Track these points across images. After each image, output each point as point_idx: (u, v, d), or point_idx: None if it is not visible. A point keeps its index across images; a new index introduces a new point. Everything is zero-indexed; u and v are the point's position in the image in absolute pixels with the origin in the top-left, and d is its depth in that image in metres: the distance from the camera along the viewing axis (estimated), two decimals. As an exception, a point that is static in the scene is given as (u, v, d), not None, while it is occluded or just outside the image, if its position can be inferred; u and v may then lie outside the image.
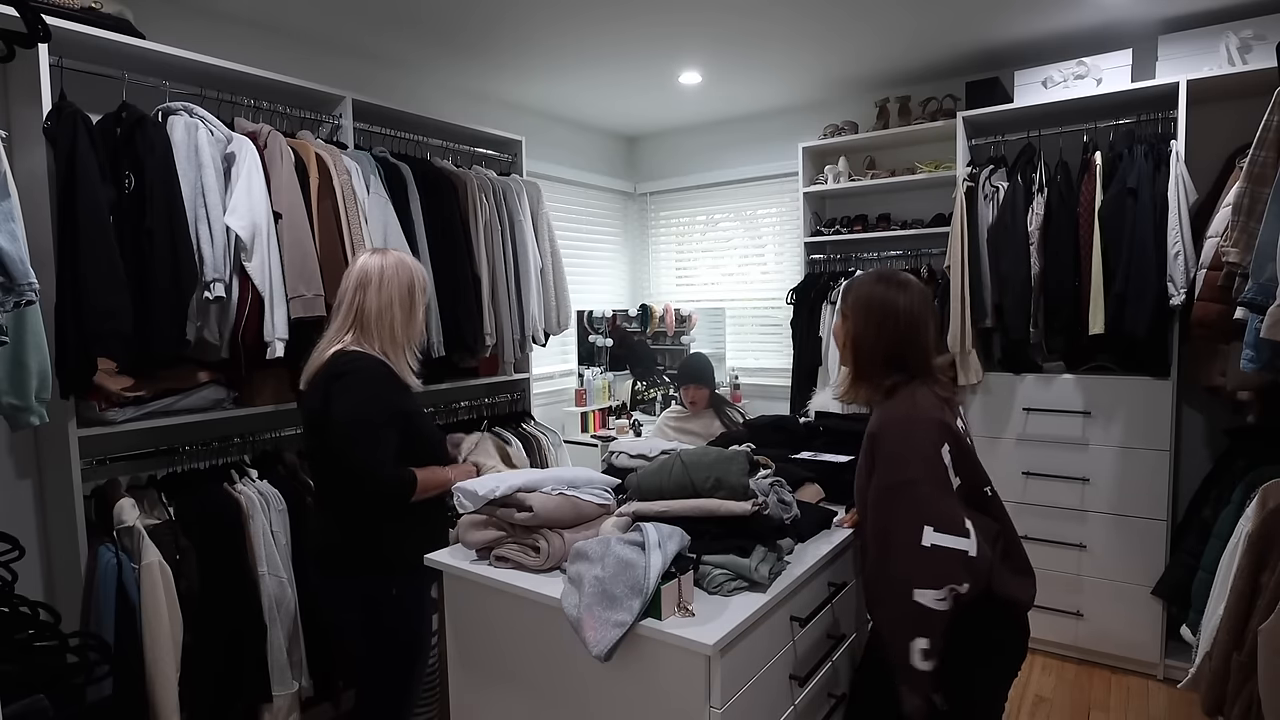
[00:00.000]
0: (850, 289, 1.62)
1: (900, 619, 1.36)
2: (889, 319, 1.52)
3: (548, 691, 1.42)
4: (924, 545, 1.33)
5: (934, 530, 1.33)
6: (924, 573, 1.33)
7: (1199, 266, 2.47)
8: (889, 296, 1.54)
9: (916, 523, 1.34)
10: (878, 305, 1.53)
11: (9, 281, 1.35)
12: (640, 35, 2.93)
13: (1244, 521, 2.03)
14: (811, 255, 3.80)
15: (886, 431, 1.45)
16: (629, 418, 4.10)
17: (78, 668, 1.49)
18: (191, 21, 2.55)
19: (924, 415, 1.43)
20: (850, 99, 3.79)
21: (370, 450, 1.67)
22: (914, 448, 1.39)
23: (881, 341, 1.52)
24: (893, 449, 1.42)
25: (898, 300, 1.53)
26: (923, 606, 1.32)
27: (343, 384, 1.69)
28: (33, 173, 1.91)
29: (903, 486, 1.38)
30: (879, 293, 1.55)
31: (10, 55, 1.37)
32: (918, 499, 1.36)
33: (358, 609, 1.78)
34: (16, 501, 2.11)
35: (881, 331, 1.52)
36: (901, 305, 1.52)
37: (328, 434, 1.69)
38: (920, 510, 1.35)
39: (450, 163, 2.96)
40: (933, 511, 1.35)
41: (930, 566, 1.33)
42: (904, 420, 1.44)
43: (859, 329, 1.55)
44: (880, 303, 1.53)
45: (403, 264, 1.84)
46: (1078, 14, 2.79)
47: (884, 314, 1.53)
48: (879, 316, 1.53)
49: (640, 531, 1.33)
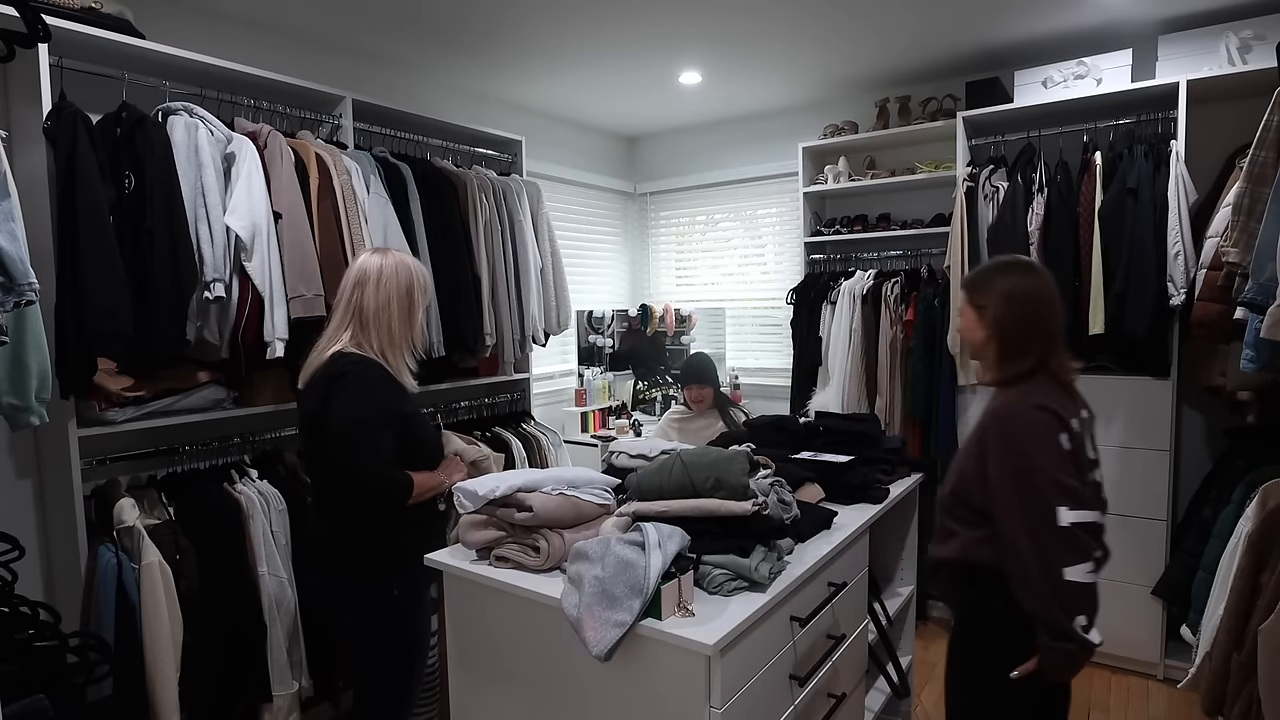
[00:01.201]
0: (985, 280, 1.61)
1: (1057, 601, 1.39)
2: (1036, 305, 1.55)
3: (548, 691, 1.42)
4: (1062, 525, 1.38)
5: (1068, 510, 1.38)
6: (1068, 552, 1.38)
7: (1199, 266, 2.47)
8: (1032, 284, 1.57)
9: (1050, 505, 1.38)
10: (1022, 293, 1.55)
11: (9, 281, 1.35)
12: (640, 35, 2.93)
13: (1244, 521, 2.03)
14: (811, 255, 3.80)
15: (1004, 417, 1.48)
16: (629, 418, 4.10)
17: (78, 668, 1.49)
18: (191, 21, 2.55)
19: (1035, 402, 1.48)
20: (850, 99, 3.79)
21: (366, 453, 1.67)
22: (1032, 434, 1.44)
23: (1024, 328, 1.53)
24: (1012, 434, 1.45)
25: (1040, 288, 1.56)
26: (1076, 584, 1.37)
27: (340, 386, 1.69)
28: (33, 173, 1.91)
29: (1028, 472, 1.41)
30: (1022, 281, 1.57)
31: (10, 55, 1.37)
32: (1047, 482, 1.40)
33: (357, 610, 1.78)
34: (16, 501, 2.11)
35: (1026, 319, 1.54)
36: (1044, 293, 1.56)
37: (325, 436, 1.69)
38: (1051, 492, 1.39)
39: (450, 163, 2.96)
40: (1062, 490, 1.39)
41: (1073, 544, 1.38)
42: (1010, 409, 1.48)
43: (1005, 317, 1.55)
44: (1026, 290, 1.56)
45: (402, 264, 1.84)
46: (1078, 14, 2.79)
47: (1031, 301, 1.55)
48: (1026, 304, 1.55)
49: (640, 531, 1.33)
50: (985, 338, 1.58)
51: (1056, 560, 1.38)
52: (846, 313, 3.42)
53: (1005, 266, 1.62)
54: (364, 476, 1.68)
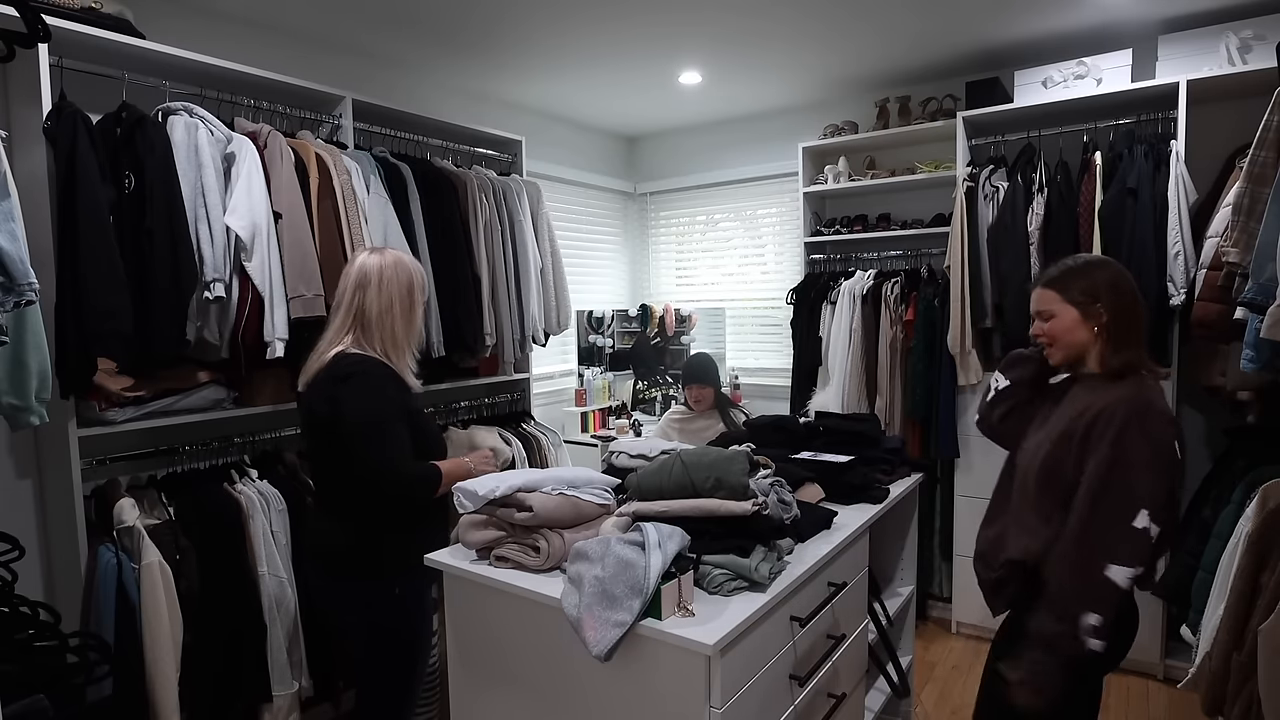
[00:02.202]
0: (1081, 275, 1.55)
1: (1081, 590, 1.37)
2: (1135, 295, 1.53)
3: (548, 691, 1.42)
4: (1135, 526, 1.35)
5: (1148, 515, 1.35)
6: (1127, 551, 1.35)
7: (1199, 266, 2.47)
8: (1125, 275, 1.55)
9: (1135, 504, 1.36)
10: (1125, 283, 1.53)
11: (9, 281, 1.35)
12: (640, 35, 2.93)
13: (1244, 521, 2.03)
14: (811, 255, 3.80)
15: (1123, 411, 1.42)
16: (629, 418, 4.10)
17: (78, 668, 1.49)
18: (191, 21, 2.55)
19: (1164, 405, 1.45)
20: (850, 99, 3.79)
21: (389, 450, 1.68)
22: (1151, 433, 1.39)
23: (1128, 327, 1.51)
24: (1129, 430, 1.40)
25: (1130, 279, 1.55)
26: (1112, 583, 1.35)
27: (351, 387, 1.69)
28: (33, 173, 1.91)
29: (1132, 467, 1.37)
30: (1118, 272, 1.55)
31: (10, 55, 1.37)
32: (1144, 481, 1.37)
33: (360, 610, 1.78)
34: (16, 501, 2.11)
35: (1131, 308, 1.52)
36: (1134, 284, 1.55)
37: (339, 437, 1.69)
38: (1143, 493, 1.36)
39: (450, 163, 2.96)
40: (1153, 495, 1.36)
41: (1136, 546, 1.35)
42: (1145, 405, 1.43)
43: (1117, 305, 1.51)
44: (1126, 280, 1.54)
45: (401, 263, 1.84)
46: (1078, 14, 2.79)
47: (1132, 290, 1.53)
48: (1130, 293, 1.52)
49: (640, 531, 1.33)
50: (1090, 335, 1.52)
51: (1109, 552, 1.35)
52: (846, 313, 3.42)
53: (1095, 262, 1.59)
54: (392, 472, 1.69)
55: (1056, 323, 1.55)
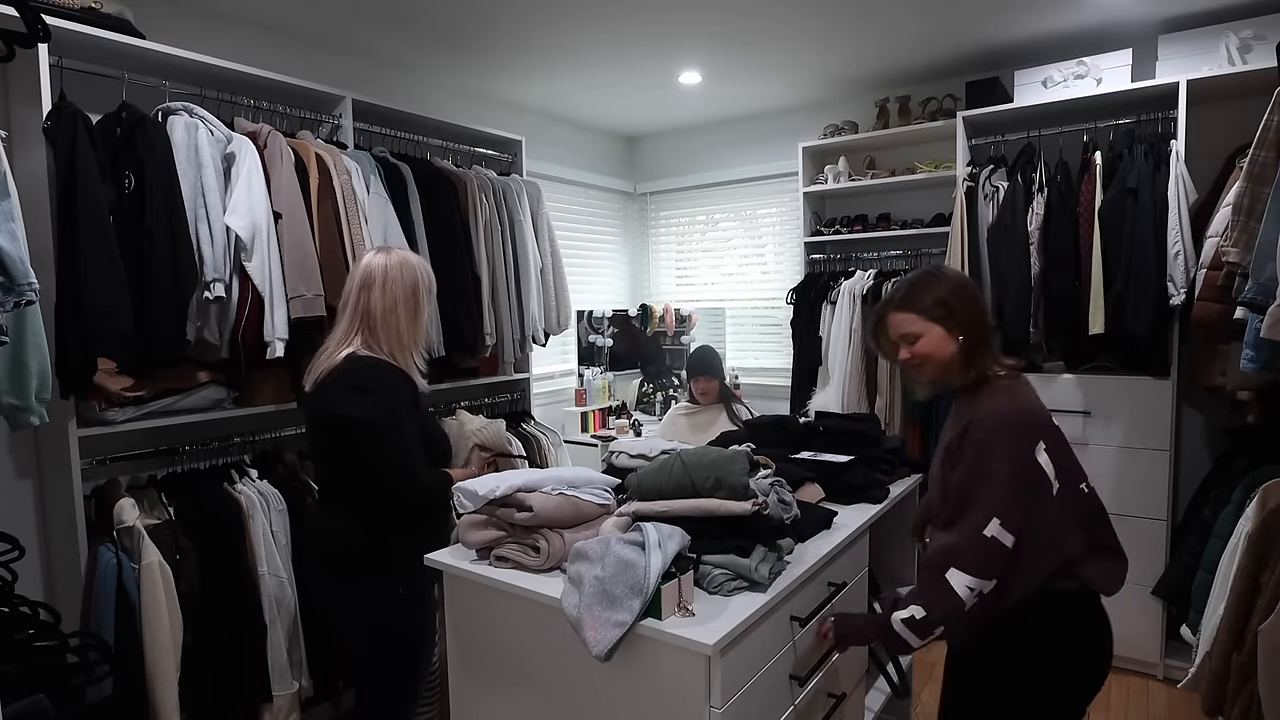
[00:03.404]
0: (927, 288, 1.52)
1: (922, 586, 1.39)
2: (979, 301, 1.54)
3: (548, 691, 1.42)
4: (984, 534, 1.33)
5: (1000, 524, 1.33)
6: (970, 557, 1.34)
7: (1199, 266, 2.47)
8: (966, 281, 1.57)
9: (988, 512, 1.34)
10: (969, 290, 1.54)
11: (9, 281, 1.36)
12: (640, 35, 2.93)
13: (1244, 521, 2.03)
14: (811, 255, 3.80)
15: (984, 420, 1.42)
16: (629, 418, 4.10)
17: (78, 668, 1.49)
18: (191, 21, 2.55)
19: (1025, 409, 1.44)
20: (850, 99, 3.79)
21: (405, 456, 1.69)
22: (1009, 441, 1.39)
23: (983, 329, 1.51)
24: (987, 438, 1.39)
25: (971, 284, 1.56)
26: (948, 585, 1.33)
27: (361, 390, 1.69)
28: (33, 173, 1.91)
29: (988, 475, 1.37)
30: (955, 276, 1.56)
31: (10, 55, 1.37)
32: (997, 490, 1.35)
33: (364, 609, 1.78)
34: (16, 501, 2.11)
35: (984, 314, 1.53)
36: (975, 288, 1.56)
37: (354, 441, 1.69)
38: (996, 501, 1.35)
39: (450, 163, 2.96)
40: (1005, 506, 1.34)
41: (980, 554, 1.34)
42: (1005, 413, 1.42)
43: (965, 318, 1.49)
44: (969, 287, 1.54)
45: (406, 263, 1.84)
46: (1078, 14, 2.79)
47: (975, 296, 1.53)
48: (976, 301, 1.53)
49: (640, 531, 1.33)
50: (957, 346, 1.50)
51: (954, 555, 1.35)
52: (846, 312, 3.42)
53: (934, 273, 1.57)
54: (406, 477, 1.70)
55: (924, 342, 1.52)
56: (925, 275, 1.57)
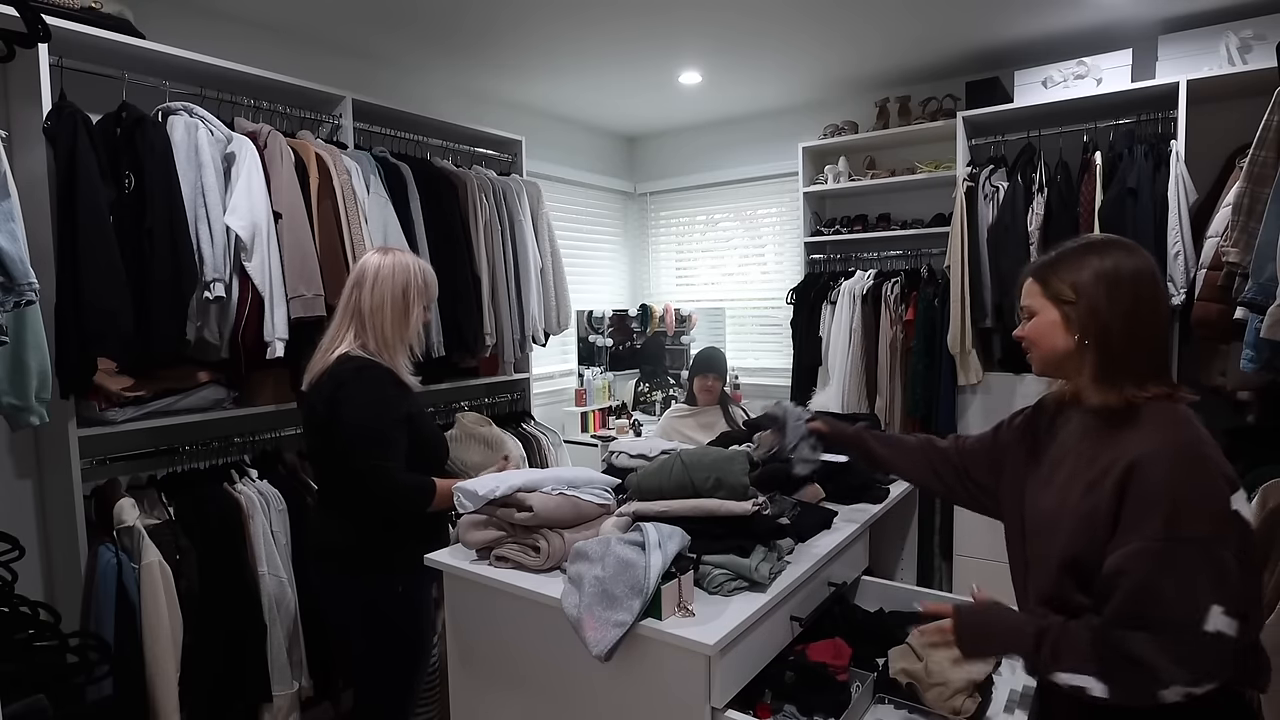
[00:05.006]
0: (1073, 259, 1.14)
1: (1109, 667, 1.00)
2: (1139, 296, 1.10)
3: (548, 691, 1.42)
4: (1206, 630, 0.96)
5: (1223, 612, 0.96)
6: (1192, 666, 0.96)
7: (1199, 266, 2.47)
8: (1144, 268, 1.11)
9: (1204, 599, 0.96)
10: (1128, 278, 1.10)
11: (9, 281, 1.36)
12: (640, 35, 2.93)
13: (1244, 521, 2.03)
14: (811, 255, 3.80)
15: (1158, 463, 1.02)
16: (629, 418, 4.10)
17: (78, 668, 1.49)
18: (191, 21, 2.55)
19: (1208, 448, 1.04)
20: (850, 99, 3.79)
21: (384, 459, 1.68)
22: (1203, 493, 1.00)
23: (1125, 339, 1.09)
24: (1171, 491, 1.00)
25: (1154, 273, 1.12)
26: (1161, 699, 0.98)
27: (348, 392, 1.69)
28: (33, 173, 1.91)
29: (1189, 544, 0.98)
30: (1121, 261, 1.11)
31: (10, 55, 1.37)
32: (1211, 567, 0.97)
33: (363, 608, 1.78)
34: (16, 501, 2.11)
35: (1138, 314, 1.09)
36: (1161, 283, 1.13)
37: (338, 440, 1.69)
38: (1212, 583, 0.97)
39: (450, 163, 2.96)
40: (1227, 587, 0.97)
41: (1203, 658, 0.96)
42: (1184, 452, 1.03)
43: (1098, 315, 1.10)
44: (1132, 275, 1.10)
45: (400, 264, 1.83)
46: (1078, 14, 2.79)
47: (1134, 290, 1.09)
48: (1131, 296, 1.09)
49: (640, 531, 1.33)
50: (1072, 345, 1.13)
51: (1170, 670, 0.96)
52: (846, 312, 3.42)
53: (1095, 245, 1.16)
54: (386, 483, 1.69)
55: (1035, 324, 1.18)
56: (1085, 244, 1.17)
